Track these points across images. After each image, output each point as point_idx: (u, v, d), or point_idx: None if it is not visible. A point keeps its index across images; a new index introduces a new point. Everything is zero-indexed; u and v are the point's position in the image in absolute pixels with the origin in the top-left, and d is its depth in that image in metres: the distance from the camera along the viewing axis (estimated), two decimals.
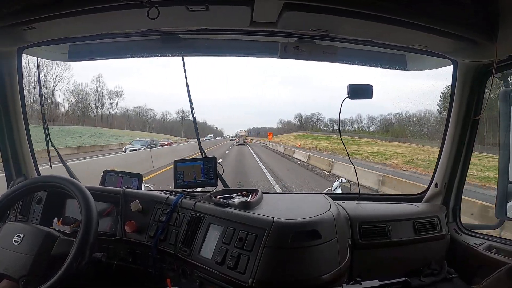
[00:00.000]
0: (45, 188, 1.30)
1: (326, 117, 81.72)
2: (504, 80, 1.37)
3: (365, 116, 69.59)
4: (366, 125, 64.41)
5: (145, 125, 68.74)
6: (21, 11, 1.04)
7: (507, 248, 1.38)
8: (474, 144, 1.53)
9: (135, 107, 72.26)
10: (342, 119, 56.20)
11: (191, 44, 1.49)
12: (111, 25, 1.24)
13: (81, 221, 1.09)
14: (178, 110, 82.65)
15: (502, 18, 1.06)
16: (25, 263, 1.03)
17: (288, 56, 1.37)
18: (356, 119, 64.99)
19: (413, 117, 33.51)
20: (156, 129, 68.16)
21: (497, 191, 1.38)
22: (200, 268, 1.15)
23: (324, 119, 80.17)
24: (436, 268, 1.45)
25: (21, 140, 1.54)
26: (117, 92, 63.08)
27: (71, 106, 55.59)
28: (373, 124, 61.25)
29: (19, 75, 1.47)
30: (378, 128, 55.04)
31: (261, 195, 1.35)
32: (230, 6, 1.07)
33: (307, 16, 1.11)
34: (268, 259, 1.02)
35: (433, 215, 1.51)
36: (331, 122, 71.70)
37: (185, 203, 1.33)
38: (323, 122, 78.83)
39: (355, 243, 1.32)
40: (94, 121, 55.33)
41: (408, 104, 60.88)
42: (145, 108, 73.08)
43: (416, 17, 1.05)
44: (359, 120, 65.35)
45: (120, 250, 1.38)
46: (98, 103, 60.14)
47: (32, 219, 1.42)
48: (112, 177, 1.67)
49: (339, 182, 1.86)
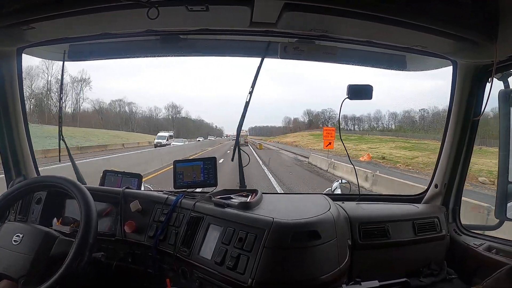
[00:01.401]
0: (45, 188, 1.30)
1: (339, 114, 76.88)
2: (504, 81, 1.37)
3: (384, 112, 59.35)
4: (387, 122, 53.83)
5: (127, 123, 54.56)
6: (21, 10, 1.04)
7: (507, 249, 1.38)
8: (474, 145, 1.53)
9: (113, 101, 56.97)
10: (358, 116, 43.13)
11: (191, 44, 1.49)
12: (111, 25, 1.24)
13: (80, 221, 1.09)
14: (167, 104, 71.53)
15: (502, 18, 1.06)
16: (24, 263, 1.02)
17: (288, 57, 1.37)
18: (375, 116, 54.65)
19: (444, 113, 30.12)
20: (142, 127, 55.15)
21: (497, 191, 1.38)
22: (199, 268, 1.15)
23: (337, 116, 73.58)
24: (435, 269, 1.45)
25: (20, 140, 1.54)
26: (83, 80, 45.70)
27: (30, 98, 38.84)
28: (395, 121, 51.37)
29: (19, 75, 1.47)
30: (403, 126, 47.14)
31: (260, 195, 1.35)
32: (230, 6, 1.07)
33: (307, 17, 1.11)
34: (267, 259, 1.02)
35: (433, 215, 1.51)
36: (345, 119, 62.36)
37: (185, 204, 1.33)
38: (335, 119, 68.25)
39: (355, 243, 1.32)
40: (49, 118, 35.74)
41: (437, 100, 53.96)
42: (126, 101, 57.13)
43: (416, 18, 1.05)
44: (377, 117, 54.91)
45: (120, 250, 1.38)
46: (57, 94, 43.06)
47: (32, 219, 1.42)
48: (111, 177, 1.66)
49: (339, 183, 1.86)
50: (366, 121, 55.92)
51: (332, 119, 62.35)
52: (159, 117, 60.44)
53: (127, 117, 56.18)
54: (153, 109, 61.97)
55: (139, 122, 57.50)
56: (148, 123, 58.12)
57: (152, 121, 59.20)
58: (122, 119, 55.26)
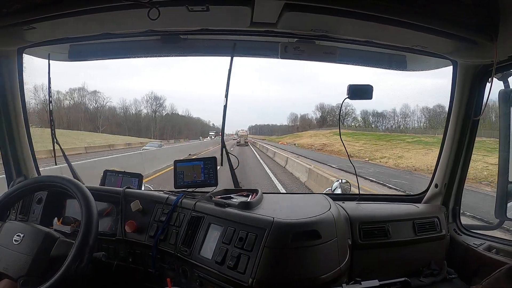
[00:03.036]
0: (46, 188, 1.30)
1: (357, 109, 57.96)
2: (504, 81, 1.37)
3: (413, 107, 49.82)
4: (418, 119, 46.12)
5: (93, 119, 39.66)
6: (22, 10, 1.04)
7: (506, 249, 1.39)
8: (474, 145, 1.53)
9: (72, 89, 42.91)
10: (380, 111, 38.90)
11: (191, 44, 1.49)
12: (112, 25, 1.24)
13: (81, 221, 1.09)
14: (147, 95, 54.91)
15: (502, 18, 1.06)
16: (25, 263, 1.03)
17: (288, 57, 1.37)
18: (402, 112, 46.42)
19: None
20: (111, 129, 40.23)
21: (497, 191, 1.38)
22: (200, 268, 1.15)
23: (354, 111, 54.91)
24: (436, 269, 1.45)
25: (21, 140, 1.54)
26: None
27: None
28: (428, 117, 43.11)
29: (19, 75, 1.47)
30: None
31: (261, 195, 1.35)
32: (230, 7, 1.07)
33: (307, 17, 1.11)
34: (268, 259, 1.02)
35: (433, 215, 1.51)
36: (365, 115, 51.39)
37: (185, 203, 1.33)
38: (353, 115, 55.63)
39: (355, 243, 1.33)
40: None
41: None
42: (90, 90, 43.03)
43: (416, 18, 1.05)
44: (405, 114, 46.92)
45: (120, 250, 1.38)
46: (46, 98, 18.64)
47: (32, 218, 1.42)
48: (112, 177, 1.67)
49: (339, 183, 1.86)
50: (390, 117, 47.02)
51: (349, 115, 52.54)
52: (140, 114, 46.41)
53: (93, 112, 40.17)
54: (128, 102, 44.60)
55: (110, 120, 41.53)
56: (125, 121, 43.31)
57: (129, 118, 44.34)
58: (87, 114, 39.98)
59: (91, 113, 42.32)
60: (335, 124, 54.50)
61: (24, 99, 1.52)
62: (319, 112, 60.61)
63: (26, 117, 1.55)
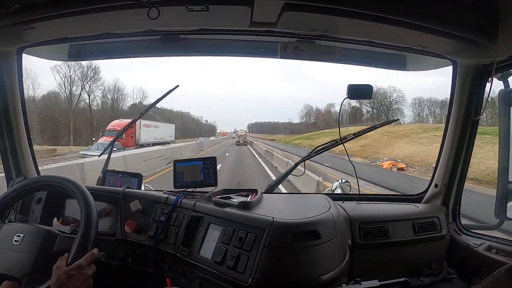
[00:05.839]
0: (45, 188, 1.30)
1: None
2: (504, 81, 1.37)
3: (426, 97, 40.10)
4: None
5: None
6: (21, 10, 1.04)
7: (506, 249, 1.38)
8: (474, 144, 1.53)
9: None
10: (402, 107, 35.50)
11: (191, 44, 1.49)
12: (111, 25, 1.24)
13: (81, 220, 1.09)
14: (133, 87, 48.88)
15: (502, 18, 1.06)
16: (27, 262, 1.02)
17: (288, 56, 1.37)
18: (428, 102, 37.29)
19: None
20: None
21: (497, 191, 1.38)
22: (199, 268, 1.15)
23: (404, 97, 43.30)
24: (436, 269, 1.45)
25: (20, 140, 1.53)
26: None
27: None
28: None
29: (19, 75, 1.47)
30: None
31: (260, 195, 1.35)
32: (230, 6, 1.07)
33: (307, 16, 1.11)
34: (267, 259, 1.02)
35: (433, 215, 1.51)
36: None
37: (185, 203, 1.33)
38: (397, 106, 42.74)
39: (355, 243, 1.32)
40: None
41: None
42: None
43: (416, 17, 1.05)
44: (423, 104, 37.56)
45: (120, 250, 1.38)
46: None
47: (32, 218, 1.42)
48: (111, 177, 1.67)
49: (339, 182, 1.86)
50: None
51: (397, 103, 40.21)
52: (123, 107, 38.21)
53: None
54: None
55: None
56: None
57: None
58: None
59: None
60: (370, 119, 44.04)
61: (23, 99, 1.51)
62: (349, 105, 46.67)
63: (26, 117, 1.54)
